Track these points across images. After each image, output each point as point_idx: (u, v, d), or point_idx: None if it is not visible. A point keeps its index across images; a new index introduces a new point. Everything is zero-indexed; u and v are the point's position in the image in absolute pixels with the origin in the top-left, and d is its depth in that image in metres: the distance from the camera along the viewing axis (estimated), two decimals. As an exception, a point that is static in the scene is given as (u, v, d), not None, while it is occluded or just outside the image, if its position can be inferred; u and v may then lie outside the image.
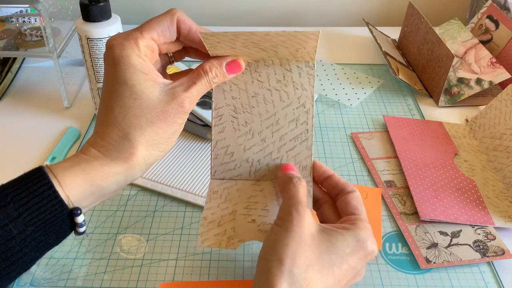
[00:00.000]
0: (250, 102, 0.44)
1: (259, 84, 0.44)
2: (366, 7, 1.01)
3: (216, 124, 0.45)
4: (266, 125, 0.44)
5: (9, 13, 0.75)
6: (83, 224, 0.39)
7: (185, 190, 0.55)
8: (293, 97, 0.44)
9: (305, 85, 0.43)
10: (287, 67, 0.43)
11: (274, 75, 0.44)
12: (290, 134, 0.44)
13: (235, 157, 0.45)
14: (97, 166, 0.38)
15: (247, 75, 0.44)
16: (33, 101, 0.72)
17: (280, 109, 0.44)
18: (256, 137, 0.44)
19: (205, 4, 1.00)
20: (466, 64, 0.74)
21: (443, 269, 0.48)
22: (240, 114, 0.44)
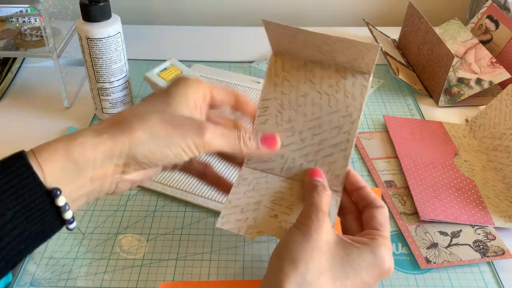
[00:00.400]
0: (298, 100, 0.44)
1: (311, 85, 0.43)
2: (366, 7, 1.01)
3: (260, 115, 0.45)
4: (308, 127, 0.44)
5: (9, 13, 0.75)
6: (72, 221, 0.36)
7: (185, 190, 0.55)
8: (342, 105, 0.43)
9: (356, 95, 0.42)
10: (342, 74, 0.43)
11: (328, 79, 0.43)
12: (330, 140, 0.43)
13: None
14: (79, 139, 0.36)
15: (301, 74, 0.43)
16: (33, 101, 0.72)
17: (326, 113, 0.43)
18: (296, 135, 0.44)
19: (205, 4, 1.00)
20: (466, 64, 0.74)
21: (443, 269, 0.48)
22: (285, 110, 0.44)
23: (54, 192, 0.35)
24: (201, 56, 0.84)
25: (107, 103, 0.64)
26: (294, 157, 0.44)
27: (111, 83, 0.63)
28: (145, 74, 0.65)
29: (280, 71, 0.44)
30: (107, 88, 0.63)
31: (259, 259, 0.48)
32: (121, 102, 0.65)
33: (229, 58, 0.84)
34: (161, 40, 0.90)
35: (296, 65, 0.44)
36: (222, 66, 0.81)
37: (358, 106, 0.42)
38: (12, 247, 0.34)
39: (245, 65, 0.82)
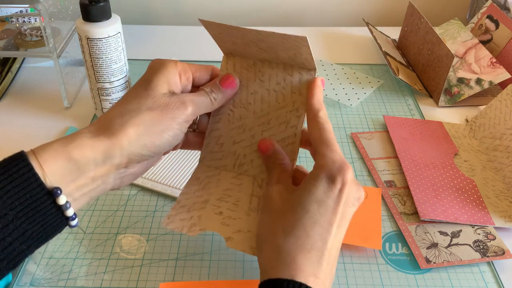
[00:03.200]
0: (248, 98, 0.46)
1: (260, 83, 0.45)
2: (366, 7, 1.01)
3: (214, 115, 0.46)
4: (258, 123, 0.46)
5: (9, 13, 0.75)
6: (73, 217, 0.37)
7: (185, 190, 0.55)
8: (289, 100, 0.44)
9: (303, 90, 0.44)
10: (289, 72, 0.44)
11: (275, 77, 0.45)
12: (278, 135, 0.45)
13: (224, 148, 0.46)
14: (77, 139, 0.37)
15: (251, 73, 0.45)
16: (33, 101, 0.72)
17: (274, 109, 0.45)
18: (247, 132, 0.46)
19: (205, 4, 1.00)
20: (466, 64, 0.74)
21: (443, 269, 0.48)
22: (237, 109, 0.46)
23: (54, 191, 0.35)
24: (201, 56, 0.84)
25: (107, 103, 0.64)
26: (245, 153, 0.46)
27: (111, 83, 0.63)
28: (145, 74, 0.65)
29: (232, 71, 0.46)
30: (107, 88, 0.63)
31: (259, 259, 0.48)
32: (121, 102, 0.65)
33: (229, 58, 0.84)
34: (161, 40, 0.90)
35: (246, 65, 0.45)
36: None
37: (304, 101, 0.44)
38: (14, 247, 0.35)
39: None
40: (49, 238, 0.37)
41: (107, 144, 0.37)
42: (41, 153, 0.36)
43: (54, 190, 0.35)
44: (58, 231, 0.37)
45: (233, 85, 0.45)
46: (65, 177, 0.36)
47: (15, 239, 0.35)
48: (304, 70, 0.44)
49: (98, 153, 0.37)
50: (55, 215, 0.36)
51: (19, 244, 0.35)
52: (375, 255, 0.49)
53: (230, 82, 0.45)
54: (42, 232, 0.36)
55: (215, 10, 1.00)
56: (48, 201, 0.35)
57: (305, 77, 0.44)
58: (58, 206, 0.36)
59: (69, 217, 0.37)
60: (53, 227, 0.36)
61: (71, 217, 0.37)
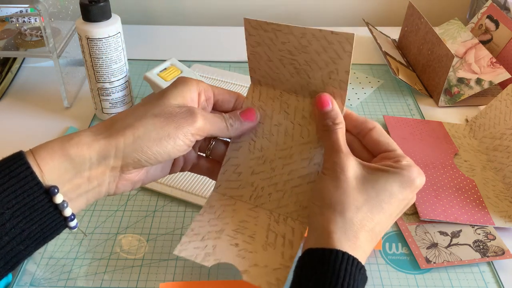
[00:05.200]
0: (271, 129, 0.44)
1: (285, 115, 0.44)
2: (366, 7, 1.01)
3: (234, 142, 0.45)
4: (279, 156, 0.44)
5: (9, 13, 0.75)
6: (72, 218, 0.37)
7: (185, 190, 0.55)
8: (314, 137, 0.43)
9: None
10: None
11: (301, 111, 0.43)
12: (300, 171, 0.43)
13: (242, 177, 0.45)
14: (75, 138, 0.37)
15: (276, 104, 0.44)
16: (33, 101, 0.72)
17: (297, 144, 0.43)
18: (267, 164, 0.44)
19: (205, 4, 1.00)
20: (466, 64, 0.74)
21: (443, 269, 0.48)
22: (259, 138, 0.44)
23: (51, 189, 0.35)
24: (201, 56, 0.84)
25: (107, 103, 0.64)
26: (263, 186, 0.44)
27: (111, 83, 0.63)
28: (145, 74, 0.65)
29: (257, 100, 0.45)
30: (107, 88, 0.63)
31: (259, 259, 0.48)
32: (121, 102, 0.65)
33: (229, 58, 0.84)
34: (161, 40, 0.90)
35: (272, 96, 0.44)
36: (222, 66, 0.81)
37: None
38: (11, 246, 0.34)
39: (245, 65, 0.82)
40: (47, 240, 0.37)
41: (103, 143, 0.37)
42: (39, 151, 0.36)
43: (51, 188, 0.35)
44: (57, 232, 0.37)
45: (252, 118, 0.44)
46: (61, 176, 0.36)
47: (12, 239, 0.34)
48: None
49: (94, 152, 0.37)
50: (53, 214, 0.36)
51: (17, 244, 0.35)
52: (375, 255, 0.49)
53: (250, 114, 0.44)
54: (40, 233, 0.36)
55: (215, 11, 1.00)
56: (45, 200, 0.35)
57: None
58: (55, 205, 0.35)
59: (67, 217, 0.36)
60: (51, 227, 0.36)
61: (69, 217, 0.36)
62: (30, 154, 0.35)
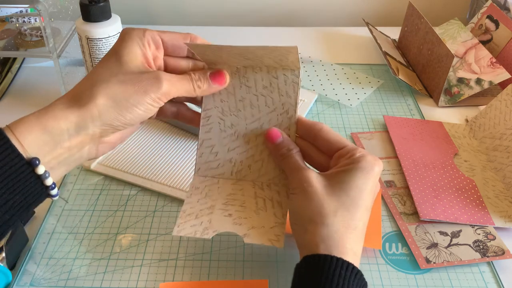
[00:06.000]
0: (237, 105, 0.46)
1: (246, 89, 0.46)
2: (366, 7, 1.01)
3: (204, 125, 0.47)
4: (250, 128, 0.46)
5: (9, 13, 0.75)
6: (53, 187, 0.38)
7: (185, 190, 0.55)
8: (278, 103, 0.45)
9: (290, 92, 0.45)
10: (274, 75, 0.45)
11: (261, 81, 0.45)
12: None
13: (219, 156, 0.47)
14: (50, 111, 0.38)
15: (236, 80, 0.46)
16: (33, 101, 0.72)
17: (265, 114, 0.46)
18: (240, 139, 0.46)
19: (205, 4, 1.00)
20: (466, 64, 0.74)
21: (443, 269, 0.48)
22: (227, 117, 0.46)
23: (33, 161, 0.36)
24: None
25: (107, 103, 0.64)
26: (241, 159, 0.46)
27: (111, 83, 0.63)
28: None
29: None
30: (107, 88, 0.63)
31: (259, 259, 0.48)
32: (121, 102, 0.65)
33: (229, 58, 0.84)
34: (161, 40, 0.90)
35: (229, 72, 0.46)
36: (222, 66, 0.81)
37: (293, 102, 0.45)
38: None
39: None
40: (31, 208, 0.38)
41: (78, 114, 0.38)
42: (16, 127, 0.37)
43: (33, 160, 0.36)
44: (39, 200, 0.39)
45: (222, 81, 0.45)
46: (41, 148, 0.37)
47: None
48: (288, 71, 0.45)
49: (71, 124, 0.38)
50: (35, 183, 0.37)
51: (2, 214, 0.36)
52: (375, 255, 0.49)
53: (220, 77, 0.45)
54: (23, 202, 0.37)
55: (215, 11, 1.00)
56: (27, 171, 0.36)
57: (290, 78, 0.45)
58: (38, 175, 0.37)
59: (48, 186, 0.38)
60: (33, 196, 0.38)
61: (50, 186, 0.38)
62: (7, 129, 0.37)
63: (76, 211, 0.53)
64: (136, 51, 0.41)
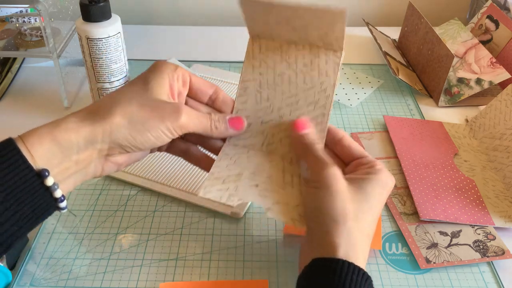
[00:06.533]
0: (275, 80, 0.46)
1: (286, 64, 0.46)
2: (366, 7, 1.01)
3: (241, 95, 0.47)
4: (286, 103, 0.46)
5: (9, 13, 0.75)
6: (62, 199, 0.38)
7: (185, 190, 0.55)
8: (317, 82, 0.45)
9: (330, 72, 0.45)
10: (316, 54, 0.45)
11: (302, 59, 0.45)
12: (307, 115, 0.45)
13: (252, 128, 0.47)
14: (63, 124, 0.38)
15: (277, 55, 0.46)
16: (33, 101, 0.72)
17: (302, 90, 0.46)
18: (275, 112, 0.46)
19: (205, 4, 1.00)
20: (466, 64, 0.74)
21: (443, 269, 0.48)
22: (264, 90, 0.46)
23: (43, 172, 0.36)
24: (201, 56, 0.84)
25: (107, 103, 0.64)
26: (273, 133, 0.46)
27: (111, 83, 0.63)
28: (145, 74, 0.65)
29: (258, 53, 0.46)
30: (107, 88, 0.63)
31: (259, 259, 0.48)
32: (121, 102, 0.65)
33: (229, 58, 0.84)
34: (161, 40, 0.90)
35: (272, 47, 0.46)
36: (222, 66, 0.81)
37: (332, 82, 0.45)
38: (5, 228, 0.36)
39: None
40: (39, 220, 0.38)
41: (90, 129, 0.38)
42: (28, 138, 0.37)
43: (42, 171, 0.36)
44: (48, 213, 0.39)
45: (239, 127, 0.46)
46: (50, 160, 0.37)
47: (7, 220, 0.36)
48: (331, 52, 0.45)
49: (81, 137, 0.38)
50: (44, 195, 0.37)
51: (11, 225, 0.36)
52: (375, 255, 0.49)
53: (238, 123, 0.46)
54: (32, 214, 0.37)
55: (215, 11, 1.00)
56: (36, 182, 0.36)
57: (332, 58, 0.45)
58: (46, 187, 0.37)
59: (57, 198, 0.38)
60: (42, 208, 0.38)
61: (59, 198, 0.38)
62: (19, 140, 0.37)
63: (76, 211, 0.53)
64: (164, 82, 0.42)
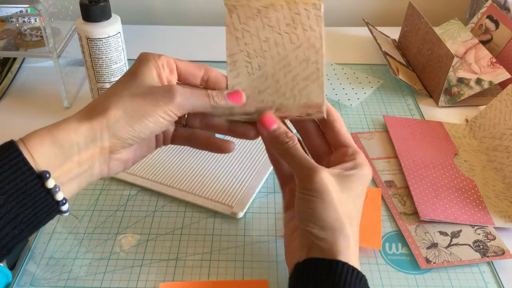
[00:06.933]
0: (262, 46, 0.46)
1: (269, 29, 0.45)
2: (366, 7, 1.01)
3: (231, 70, 0.46)
4: (278, 67, 0.46)
5: (9, 13, 0.75)
6: (64, 202, 0.38)
7: (185, 190, 0.55)
8: (303, 39, 0.45)
9: (314, 26, 0.44)
10: (296, 11, 0.45)
11: (283, 19, 0.45)
12: (302, 74, 0.45)
13: (250, 100, 0.46)
14: (63, 125, 0.38)
15: (258, 21, 0.45)
16: (33, 101, 0.72)
17: (291, 51, 0.45)
18: (269, 79, 0.46)
19: (204, 4, 1.00)
20: (466, 64, 0.74)
21: (443, 269, 0.48)
22: (253, 59, 0.46)
23: (43, 174, 0.36)
24: (201, 56, 0.84)
25: (107, 103, 0.64)
26: (273, 99, 0.46)
27: (111, 83, 0.63)
28: (145, 74, 0.65)
29: (238, 24, 0.46)
30: (107, 88, 0.63)
31: (259, 259, 0.48)
32: (121, 102, 0.65)
33: (229, 58, 0.84)
34: (161, 40, 0.90)
35: (250, 15, 0.45)
36: (222, 66, 0.81)
37: (318, 35, 0.44)
38: (6, 231, 0.35)
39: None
40: (41, 224, 0.38)
41: (89, 127, 0.38)
42: (28, 139, 0.37)
43: (43, 173, 0.36)
44: (50, 216, 0.38)
45: (239, 100, 0.45)
46: (52, 161, 0.37)
47: (7, 223, 0.35)
48: (310, 5, 0.44)
49: (81, 136, 0.38)
50: (45, 199, 0.37)
51: (12, 229, 0.36)
52: (375, 255, 0.49)
53: (237, 96, 0.45)
54: (33, 217, 0.37)
55: (215, 10, 1.00)
56: (38, 185, 0.36)
57: (312, 12, 0.44)
58: (48, 190, 0.37)
59: (59, 201, 0.37)
60: (44, 211, 0.37)
61: (61, 201, 0.38)
62: (20, 142, 0.37)
63: (76, 211, 0.53)
64: (151, 71, 0.41)
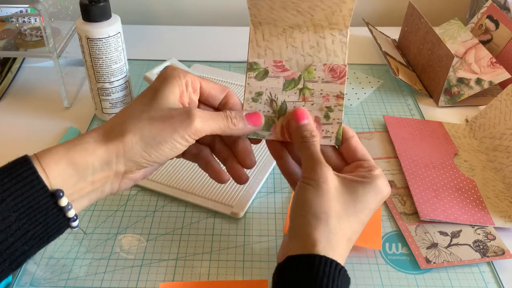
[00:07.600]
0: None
1: (293, 49, 0.45)
2: (366, 7, 1.01)
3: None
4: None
5: (9, 13, 0.75)
6: (75, 219, 0.37)
7: (185, 190, 0.55)
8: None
9: (338, 52, 0.44)
10: (321, 35, 0.44)
11: (308, 42, 0.45)
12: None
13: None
14: (81, 144, 0.38)
15: (282, 41, 0.45)
16: (33, 101, 0.72)
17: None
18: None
19: (204, 4, 1.00)
20: (466, 64, 0.74)
21: (443, 269, 0.48)
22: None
23: (57, 193, 0.36)
24: (201, 56, 0.84)
25: (107, 103, 0.64)
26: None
27: (111, 83, 0.63)
28: (145, 74, 0.65)
29: (261, 41, 0.45)
30: (107, 88, 0.63)
31: (259, 259, 0.48)
32: (121, 102, 0.65)
33: (229, 58, 0.84)
34: (161, 40, 0.90)
35: (275, 33, 0.45)
36: (222, 66, 0.81)
37: (341, 61, 0.44)
38: (16, 247, 0.35)
39: (245, 65, 0.82)
40: (50, 239, 0.38)
41: (105, 150, 0.38)
42: (43, 157, 0.37)
43: (57, 192, 0.36)
44: (60, 232, 0.38)
45: (257, 122, 0.44)
46: (66, 180, 0.37)
47: (17, 240, 0.35)
48: (336, 31, 0.44)
49: (97, 159, 0.38)
50: (56, 215, 0.37)
51: (21, 245, 0.36)
52: (375, 255, 0.49)
53: (256, 118, 0.44)
54: (44, 233, 0.37)
55: (215, 10, 1.00)
56: (50, 203, 0.36)
57: (338, 37, 0.44)
58: (60, 207, 0.36)
59: (70, 218, 0.37)
60: (54, 228, 0.37)
61: (72, 218, 0.38)
62: (35, 158, 0.36)
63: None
64: (174, 89, 0.41)
